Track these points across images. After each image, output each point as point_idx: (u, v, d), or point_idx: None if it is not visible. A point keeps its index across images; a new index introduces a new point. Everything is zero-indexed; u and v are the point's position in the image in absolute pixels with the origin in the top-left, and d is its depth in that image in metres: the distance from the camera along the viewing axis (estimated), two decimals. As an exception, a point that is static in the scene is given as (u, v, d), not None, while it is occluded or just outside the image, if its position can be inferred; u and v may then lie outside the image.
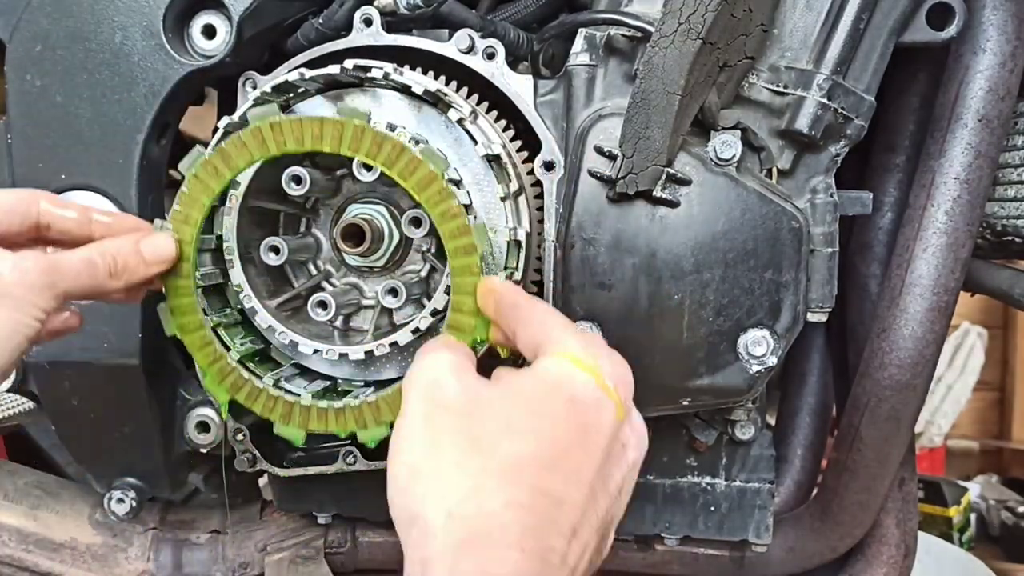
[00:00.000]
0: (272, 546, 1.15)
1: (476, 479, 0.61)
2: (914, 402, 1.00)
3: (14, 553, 1.13)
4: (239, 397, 0.85)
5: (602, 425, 0.65)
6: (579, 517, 0.61)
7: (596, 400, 0.65)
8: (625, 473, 0.67)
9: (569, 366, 0.66)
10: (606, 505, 0.64)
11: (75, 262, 0.75)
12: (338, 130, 0.78)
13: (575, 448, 0.63)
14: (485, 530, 0.58)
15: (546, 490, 0.61)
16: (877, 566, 1.13)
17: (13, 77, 0.95)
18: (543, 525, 0.59)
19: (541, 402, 0.65)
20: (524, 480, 0.61)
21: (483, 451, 0.62)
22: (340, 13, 0.92)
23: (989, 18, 0.92)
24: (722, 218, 0.82)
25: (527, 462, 0.61)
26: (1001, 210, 1.00)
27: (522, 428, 0.63)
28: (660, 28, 0.78)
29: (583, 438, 0.63)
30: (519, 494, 0.60)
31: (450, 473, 0.62)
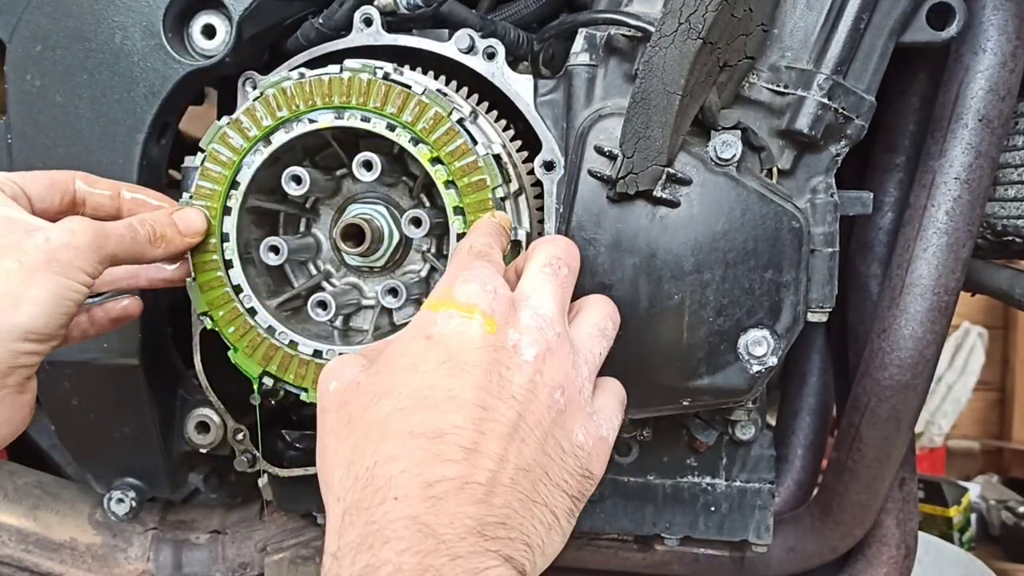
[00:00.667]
0: (272, 546, 1.15)
1: (350, 455, 0.62)
2: (914, 402, 1.00)
3: (14, 553, 1.13)
4: (271, 368, 0.87)
5: (468, 343, 0.63)
6: (471, 435, 0.60)
7: (455, 326, 0.64)
8: (526, 373, 0.64)
9: (424, 312, 0.67)
10: (511, 411, 0.62)
11: (119, 227, 0.78)
12: (346, 86, 0.83)
13: (442, 379, 0.62)
14: (358, 496, 0.58)
15: (418, 429, 0.60)
16: (877, 566, 1.13)
17: (13, 77, 0.95)
18: (422, 463, 0.58)
19: (400, 358, 0.65)
20: (390, 432, 0.60)
21: (354, 428, 0.63)
22: (340, 13, 0.92)
23: (989, 18, 0.92)
24: (722, 218, 0.82)
25: (392, 416, 0.61)
26: (1001, 210, 1.00)
27: (384, 389, 0.63)
28: (660, 28, 0.77)
29: (448, 369, 0.62)
30: (388, 447, 0.60)
31: (331, 463, 0.64)
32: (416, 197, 0.93)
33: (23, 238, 0.72)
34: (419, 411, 0.61)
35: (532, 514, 0.61)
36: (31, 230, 0.73)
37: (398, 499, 0.57)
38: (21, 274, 0.71)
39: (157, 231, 0.81)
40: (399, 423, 0.61)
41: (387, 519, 0.56)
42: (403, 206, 0.92)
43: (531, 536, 0.60)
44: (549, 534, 0.63)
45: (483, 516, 0.57)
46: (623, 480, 1.06)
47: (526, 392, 0.63)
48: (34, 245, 0.72)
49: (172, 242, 0.83)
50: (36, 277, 0.71)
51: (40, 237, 0.72)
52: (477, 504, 0.57)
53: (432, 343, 0.64)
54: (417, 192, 0.93)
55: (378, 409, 0.62)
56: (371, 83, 0.82)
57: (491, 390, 0.62)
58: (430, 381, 0.62)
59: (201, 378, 0.96)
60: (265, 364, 0.87)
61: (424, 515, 0.56)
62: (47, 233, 0.72)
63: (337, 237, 0.86)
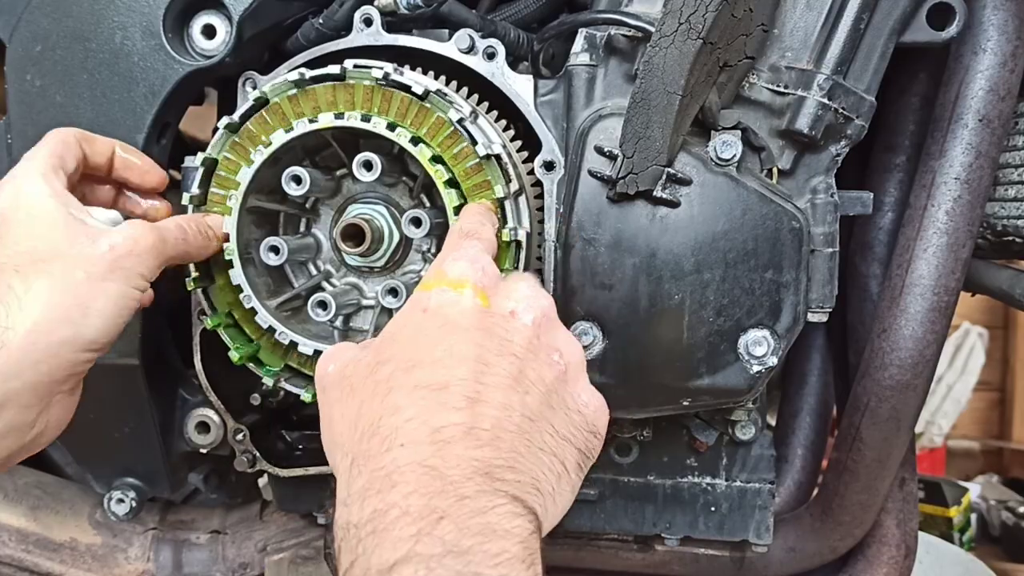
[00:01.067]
0: (272, 546, 1.15)
1: (355, 414, 0.63)
2: (914, 402, 0.99)
3: (14, 553, 1.13)
4: (292, 361, 0.90)
5: (463, 312, 0.65)
6: (473, 385, 0.61)
7: (449, 299, 0.66)
8: (525, 335, 0.66)
9: (417, 292, 0.69)
10: (512, 366, 0.63)
11: (172, 228, 0.80)
12: (350, 93, 0.85)
13: (441, 341, 0.63)
14: (366, 446, 0.59)
15: (423, 383, 0.61)
16: (878, 566, 1.13)
17: (13, 77, 0.95)
18: (428, 412, 0.59)
19: (399, 330, 0.67)
20: (395, 388, 0.61)
21: (357, 392, 0.64)
22: (340, 13, 0.92)
23: (990, 18, 0.92)
24: (722, 218, 0.82)
25: (396, 375, 0.62)
26: (1002, 210, 1.00)
27: (385, 357, 0.65)
28: (660, 28, 0.77)
29: (447, 331, 0.64)
30: (393, 400, 0.60)
31: (338, 428, 0.65)
32: (416, 197, 0.93)
33: (88, 246, 0.73)
34: (422, 368, 0.62)
35: (540, 461, 0.61)
36: (95, 236, 0.74)
37: (404, 445, 0.57)
38: (88, 284, 0.72)
39: (200, 232, 0.83)
40: (403, 379, 0.62)
41: (394, 464, 0.56)
42: (403, 206, 0.92)
43: (541, 482, 0.60)
44: (559, 483, 0.62)
45: (490, 459, 0.57)
46: (623, 480, 1.06)
47: (526, 351, 0.65)
48: (99, 254, 0.73)
49: (207, 245, 0.85)
50: (102, 287, 0.73)
51: (104, 244, 0.74)
52: (483, 447, 0.58)
53: (429, 314, 0.66)
54: (417, 192, 0.93)
55: (381, 372, 0.63)
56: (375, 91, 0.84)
57: (491, 348, 0.63)
58: (431, 342, 0.64)
59: (201, 378, 0.96)
60: (287, 359, 0.90)
61: (430, 459, 0.56)
62: (111, 240, 0.74)
63: (337, 237, 0.86)
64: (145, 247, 0.75)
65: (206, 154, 0.87)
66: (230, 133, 0.87)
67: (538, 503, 0.59)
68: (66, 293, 0.72)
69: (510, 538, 0.53)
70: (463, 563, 0.50)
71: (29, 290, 0.71)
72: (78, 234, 0.74)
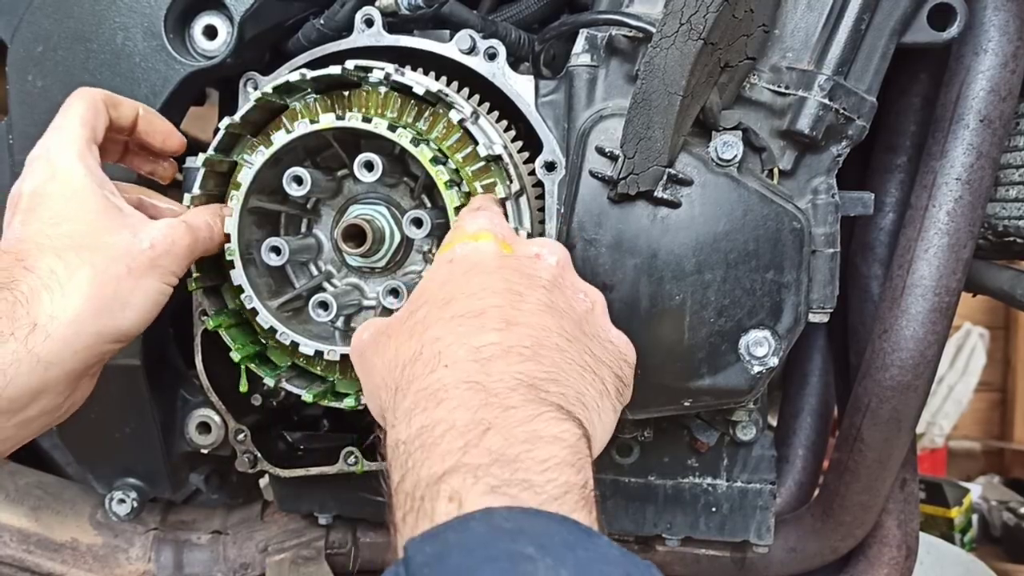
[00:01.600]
0: (273, 547, 1.15)
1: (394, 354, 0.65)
2: (916, 403, 0.99)
3: (15, 553, 1.13)
4: (299, 360, 0.92)
5: (489, 256, 0.69)
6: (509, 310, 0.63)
7: (472, 247, 0.70)
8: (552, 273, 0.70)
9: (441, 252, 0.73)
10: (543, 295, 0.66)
11: (203, 227, 0.82)
12: (362, 100, 0.87)
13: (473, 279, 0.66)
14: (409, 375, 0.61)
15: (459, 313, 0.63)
16: (879, 567, 1.13)
17: (14, 77, 0.95)
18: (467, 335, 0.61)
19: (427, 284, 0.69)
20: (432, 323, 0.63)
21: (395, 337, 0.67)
22: (341, 14, 0.92)
23: (991, 18, 0.92)
24: (723, 219, 0.82)
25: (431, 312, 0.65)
26: (1003, 211, 1.00)
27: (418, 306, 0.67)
28: (661, 29, 0.77)
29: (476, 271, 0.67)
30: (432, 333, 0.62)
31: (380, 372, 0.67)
32: (417, 198, 0.93)
33: (130, 239, 0.75)
34: (457, 302, 0.64)
35: (583, 377, 0.63)
36: (136, 229, 0.76)
37: (448, 366, 0.59)
38: (129, 279, 0.75)
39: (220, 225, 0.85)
40: (439, 313, 0.64)
41: (440, 383, 0.57)
42: (404, 207, 0.92)
43: (585, 395, 0.61)
44: (603, 401, 0.64)
45: (533, 372, 0.59)
46: (624, 481, 1.06)
47: (553, 284, 0.68)
48: (140, 249, 0.76)
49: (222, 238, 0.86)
50: (141, 283, 0.76)
51: (146, 240, 0.76)
52: (525, 362, 0.59)
53: (455, 262, 0.69)
54: (418, 193, 0.93)
55: (416, 316, 0.66)
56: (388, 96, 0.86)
57: (521, 282, 0.66)
58: (461, 283, 0.66)
59: (202, 378, 0.96)
60: (295, 357, 0.91)
61: (474, 375, 0.57)
62: (152, 237, 0.76)
63: (338, 238, 0.87)
64: (182, 247, 0.78)
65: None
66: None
67: (584, 415, 0.60)
68: (107, 286, 0.73)
69: (557, 444, 0.53)
70: (511, 471, 0.50)
71: (72, 278, 0.72)
72: (119, 225, 0.76)
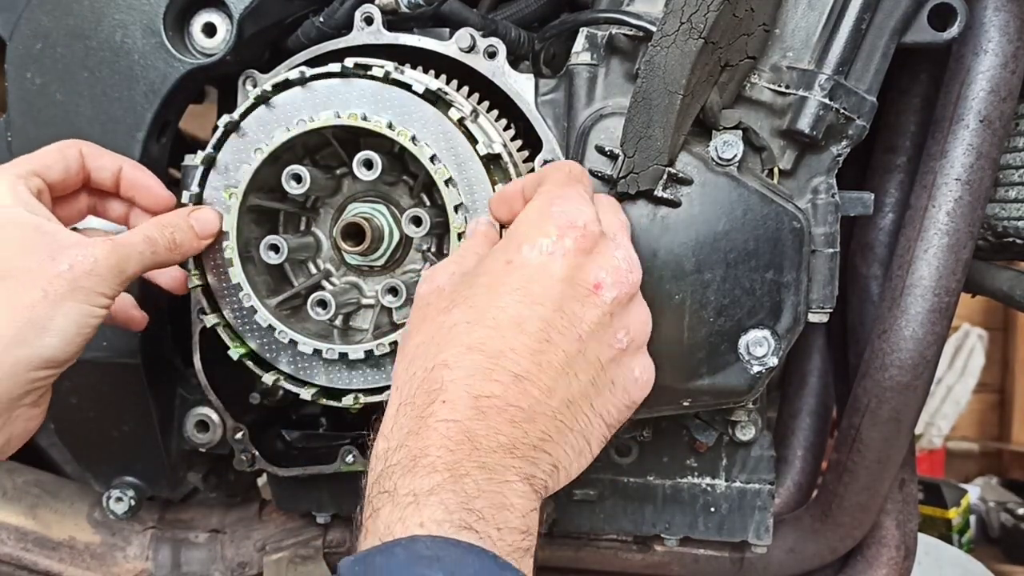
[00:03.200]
0: (271, 546, 1.15)
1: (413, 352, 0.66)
2: (915, 403, 0.99)
3: (13, 552, 1.13)
4: None
5: (546, 275, 0.66)
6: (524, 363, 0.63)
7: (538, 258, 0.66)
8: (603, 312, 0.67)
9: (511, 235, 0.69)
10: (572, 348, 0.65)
11: (138, 243, 0.79)
12: None
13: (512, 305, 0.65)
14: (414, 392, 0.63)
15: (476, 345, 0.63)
16: (877, 567, 1.13)
17: (13, 75, 0.95)
18: (472, 376, 0.62)
19: (480, 275, 0.68)
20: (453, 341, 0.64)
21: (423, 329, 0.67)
22: (341, 11, 0.92)
23: (991, 19, 0.92)
24: (723, 218, 0.82)
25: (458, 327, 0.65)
26: (1002, 211, 1.00)
27: (459, 300, 0.66)
28: (662, 27, 0.77)
29: (520, 296, 0.65)
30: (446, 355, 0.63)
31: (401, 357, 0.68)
32: (416, 196, 0.93)
33: (47, 264, 0.72)
34: (483, 328, 0.64)
35: (567, 441, 0.64)
36: (55, 252, 0.73)
37: (446, 403, 0.61)
38: (45, 304, 0.71)
39: (177, 240, 0.82)
40: (462, 335, 0.64)
41: (435, 418, 0.61)
42: (403, 205, 0.92)
43: (560, 460, 0.64)
44: (578, 459, 0.66)
45: (517, 438, 0.61)
46: (623, 480, 1.06)
47: (593, 330, 0.66)
48: (58, 272, 0.72)
49: (189, 247, 0.83)
50: (59, 307, 0.72)
51: (64, 263, 0.72)
52: (514, 425, 0.61)
53: (511, 268, 0.66)
54: (417, 191, 0.92)
55: (448, 316, 0.66)
56: None
57: (558, 326, 0.65)
58: (501, 303, 0.65)
59: (201, 377, 0.95)
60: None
61: (467, 421, 0.60)
62: (71, 258, 0.73)
63: (337, 236, 0.86)
64: (106, 267, 0.74)
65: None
66: None
67: (551, 478, 0.63)
68: (20, 312, 0.70)
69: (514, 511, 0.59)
70: (474, 518, 0.57)
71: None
72: (37, 248, 0.73)
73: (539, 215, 0.69)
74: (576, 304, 0.66)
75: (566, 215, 0.68)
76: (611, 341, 0.67)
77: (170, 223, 0.82)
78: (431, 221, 0.84)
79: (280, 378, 0.90)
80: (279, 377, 0.90)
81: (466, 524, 0.56)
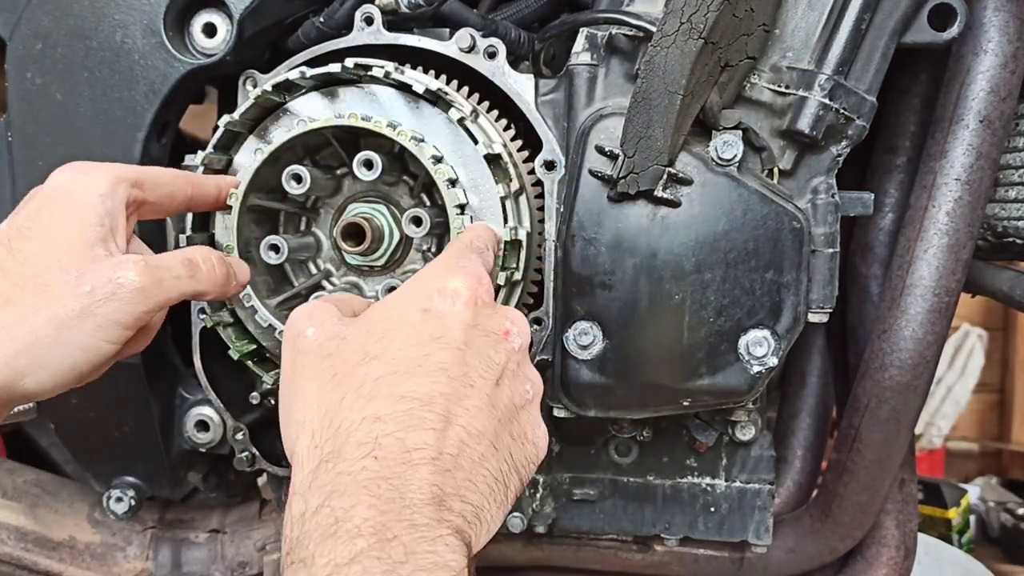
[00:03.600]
0: (271, 545, 1.15)
1: (336, 406, 0.62)
2: (914, 403, 0.99)
3: (13, 551, 1.13)
4: None
5: (461, 326, 0.66)
6: (453, 407, 0.62)
7: (450, 308, 0.66)
8: (511, 357, 0.67)
9: (418, 287, 0.69)
10: (492, 390, 0.65)
11: (176, 267, 0.73)
12: None
13: (436, 352, 0.64)
14: (339, 448, 0.59)
15: (408, 394, 0.61)
16: (877, 567, 1.13)
17: (13, 75, 0.95)
18: (406, 427, 0.60)
19: (394, 326, 0.66)
20: (381, 393, 0.62)
21: (341, 382, 0.63)
22: (341, 12, 0.92)
23: (991, 19, 0.92)
24: (723, 218, 0.82)
25: (385, 380, 0.62)
26: (1002, 211, 1.00)
27: (376, 351, 0.64)
28: (662, 27, 0.77)
29: (442, 344, 0.64)
30: (376, 407, 0.61)
31: (311, 410, 0.63)
32: (416, 196, 0.93)
33: (68, 283, 0.67)
34: (412, 377, 0.63)
35: (489, 489, 0.63)
36: (82, 272, 0.67)
37: (378, 459, 0.58)
38: (48, 331, 0.66)
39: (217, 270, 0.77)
40: (391, 386, 0.62)
41: (365, 474, 0.57)
42: (403, 205, 0.92)
43: (482, 510, 0.62)
44: (498, 511, 0.64)
45: (447, 486, 0.59)
46: (623, 480, 1.06)
47: (505, 375, 0.67)
48: (74, 295, 0.66)
49: (227, 285, 0.80)
50: (63, 336, 0.66)
51: (86, 286, 0.67)
52: (444, 474, 0.59)
53: (428, 317, 0.66)
54: (417, 191, 0.92)
55: (370, 369, 0.63)
56: None
57: (478, 368, 0.65)
58: (424, 352, 0.64)
59: (201, 377, 0.95)
60: None
61: (396, 478, 0.57)
62: (94, 281, 0.67)
63: (337, 236, 0.86)
64: (132, 293, 0.67)
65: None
66: None
67: (474, 532, 0.61)
68: (16, 341, 0.65)
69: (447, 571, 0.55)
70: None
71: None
72: (74, 262, 0.67)
73: (447, 267, 0.70)
74: (490, 349, 0.66)
75: (471, 276, 0.69)
76: (520, 390, 0.68)
77: (212, 254, 0.77)
78: (431, 221, 0.84)
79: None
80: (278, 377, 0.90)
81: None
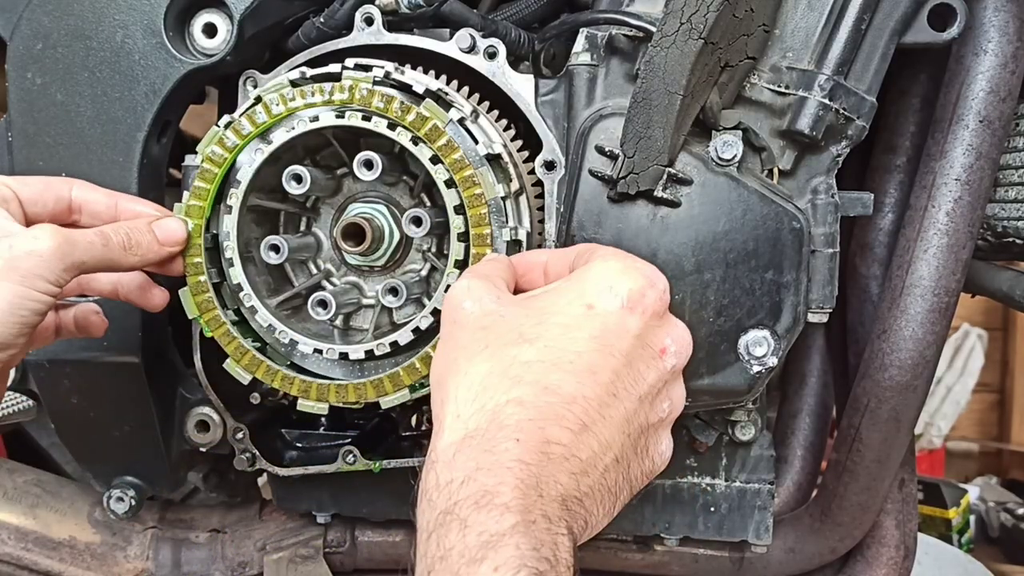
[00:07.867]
0: (271, 545, 1.15)
1: (482, 382, 0.64)
2: (914, 403, 0.99)
3: (13, 551, 1.13)
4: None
5: (623, 333, 0.66)
6: (593, 413, 0.63)
7: (617, 310, 0.67)
8: (661, 377, 0.68)
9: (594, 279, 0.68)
10: (632, 406, 0.66)
11: (88, 234, 0.77)
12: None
13: (589, 352, 0.64)
14: (483, 426, 0.61)
15: (553, 387, 0.63)
16: (877, 567, 1.13)
17: (14, 75, 0.95)
18: (546, 419, 0.61)
19: (555, 314, 0.67)
20: (527, 379, 0.63)
21: (491, 357, 0.65)
22: (341, 12, 0.92)
23: (991, 19, 0.92)
24: (723, 218, 0.82)
25: (534, 365, 0.64)
26: (1002, 211, 1.00)
27: (532, 335, 0.65)
28: (662, 28, 0.77)
29: (599, 345, 0.65)
30: (520, 392, 0.62)
31: (460, 381, 0.65)
32: (417, 196, 0.93)
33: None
34: (560, 371, 0.63)
35: (603, 500, 0.64)
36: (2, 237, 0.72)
37: (519, 441, 0.60)
38: None
39: (132, 238, 0.80)
40: (539, 374, 0.63)
41: (507, 456, 0.59)
42: (404, 205, 0.92)
43: (591, 517, 0.64)
44: (603, 520, 0.66)
45: (571, 489, 0.61)
46: (623, 480, 1.06)
47: (649, 393, 0.67)
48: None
49: (149, 250, 0.82)
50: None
51: (4, 244, 0.72)
52: (571, 476, 0.61)
53: (592, 314, 0.66)
54: (418, 191, 0.93)
55: (521, 351, 0.65)
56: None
57: (625, 380, 0.65)
58: (578, 348, 0.65)
59: (201, 377, 0.96)
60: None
61: (535, 465, 0.60)
62: (11, 240, 0.72)
63: (338, 236, 0.86)
64: (47, 249, 0.72)
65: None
66: None
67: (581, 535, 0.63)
68: None
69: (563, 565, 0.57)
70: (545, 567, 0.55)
71: None
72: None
73: (622, 267, 0.69)
74: (642, 364, 0.67)
75: (647, 274, 0.69)
76: (658, 409, 0.69)
77: (127, 225, 0.81)
78: (431, 221, 0.85)
79: None
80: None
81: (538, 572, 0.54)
